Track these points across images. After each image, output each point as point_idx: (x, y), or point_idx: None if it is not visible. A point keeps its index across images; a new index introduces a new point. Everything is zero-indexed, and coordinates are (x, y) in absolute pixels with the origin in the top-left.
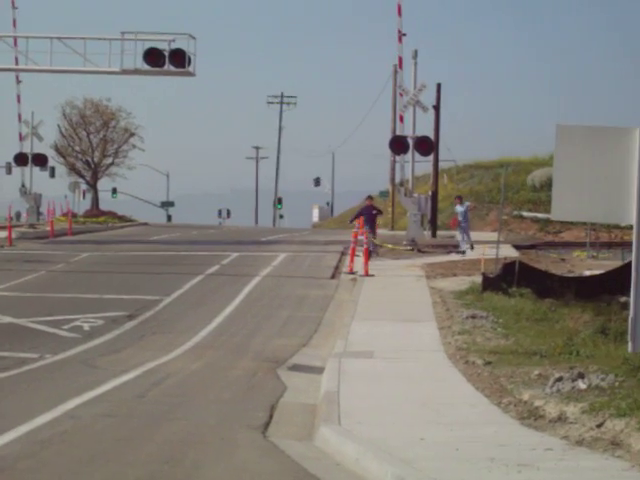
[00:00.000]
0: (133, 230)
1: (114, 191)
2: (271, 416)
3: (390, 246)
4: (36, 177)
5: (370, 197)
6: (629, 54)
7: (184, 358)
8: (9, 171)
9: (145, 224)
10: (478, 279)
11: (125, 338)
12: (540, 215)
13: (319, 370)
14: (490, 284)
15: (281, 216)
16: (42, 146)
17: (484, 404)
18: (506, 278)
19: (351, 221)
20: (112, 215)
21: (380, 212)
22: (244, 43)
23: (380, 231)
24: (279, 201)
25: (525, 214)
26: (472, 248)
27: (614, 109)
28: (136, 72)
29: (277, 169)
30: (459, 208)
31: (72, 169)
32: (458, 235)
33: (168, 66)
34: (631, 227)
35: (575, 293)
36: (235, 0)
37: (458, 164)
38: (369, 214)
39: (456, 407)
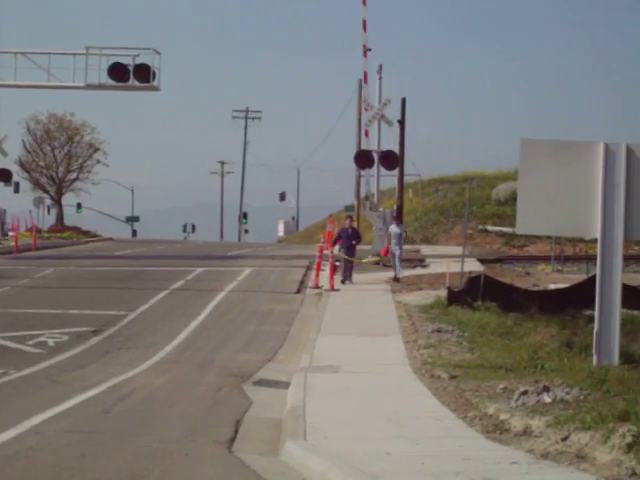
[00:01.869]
0: (98, 245)
1: (79, 206)
2: (236, 431)
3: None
4: (0, 192)
5: (350, 217)
6: (599, 69)
7: (149, 373)
8: None
9: (110, 239)
10: (443, 293)
11: (90, 354)
12: (505, 229)
13: (285, 385)
14: (455, 298)
15: (246, 231)
16: (6, 161)
17: (450, 418)
18: (471, 292)
19: (332, 245)
20: (77, 230)
21: (358, 234)
22: (209, 58)
23: None
24: (244, 216)
25: (490, 228)
26: (398, 279)
27: (582, 123)
28: (100, 87)
29: (242, 184)
30: (394, 229)
31: (36, 184)
32: (393, 258)
33: (133, 81)
34: (596, 241)
35: (540, 307)
36: (200, 16)
37: (423, 178)
38: (346, 235)
39: (422, 421)
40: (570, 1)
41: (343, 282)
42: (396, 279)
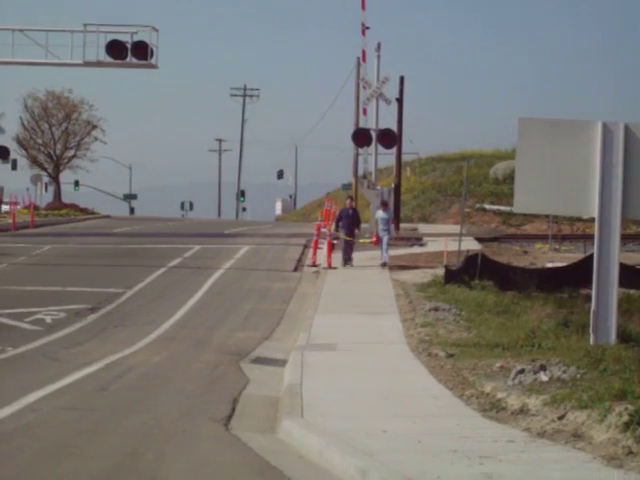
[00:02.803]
0: (95, 223)
1: (76, 184)
2: (234, 409)
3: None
4: None
5: (350, 198)
6: (596, 50)
7: (146, 351)
8: None
9: (107, 217)
10: (441, 272)
11: (87, 331)
12: (502, 208)
13: (282, 363)
14: (453, 277)
15: (244, 209)
16: (4, 138)
17: (446, 396)
18: (468, 271)
19: (336, 228)
20: (74, 208)
21: (358, 216)
22: (207, 35)
23: None
24: (242, 194)
25: (487, 207)
26: (385, 265)
27: (580, 103)
28: (98, 64)
29: (240, 162)
30: (381, 214)
31: (34, 162)
32: (381, 243)
33: (130, 58)
34: (593, 220)
35: (537, 286)
36: None
37: (421, 157)
38: (347, 216)
39: (419, 399)
40: None
41: (345, 265)
42: (383, 264)
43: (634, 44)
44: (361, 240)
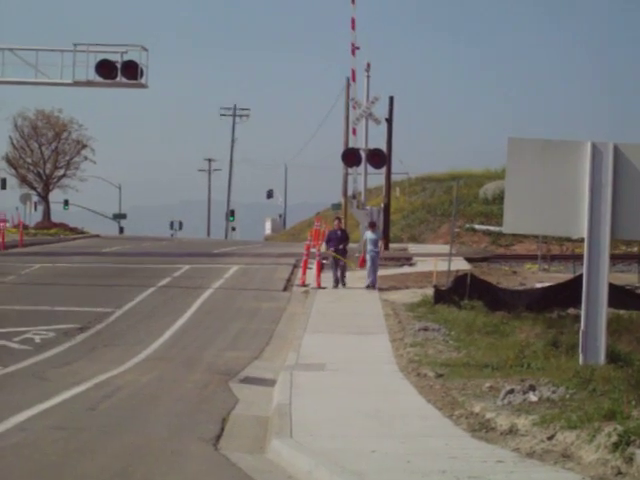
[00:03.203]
0: (85, 242)
1: (66, 203)
2: (223, 429)
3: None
4: None
5: (339, 219)
6: (586, 69)
7: (135, 371)
8: None
9: (97, 236)
10: (430, 292)
11: (76, 350)
12: (492, 228)
13: (271, 383)
14: (442, 297)
15: (233, 228)
16: None
17: (436, 416)
18: (458, 291)
19: (327, 248)
20: (64, 227)
21: (347, 236)
22: (197, 55)
23: None
24: (231, 213)
25: (477, 227)
26: (373, 286)
27: (569, 122)
28: (88, 84)
29: (229, 181)
30: (370, 235)
31: (23, 181)
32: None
33: (120, 78)
34: (582, 240)
35: (526, 306)
36: (188, 12)
37: (410, 177)
38: (335, 237)
39: (408, 419)
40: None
41: (335, 285)
42: (367, 286)
43: (623, 65)
44: (352, 265)
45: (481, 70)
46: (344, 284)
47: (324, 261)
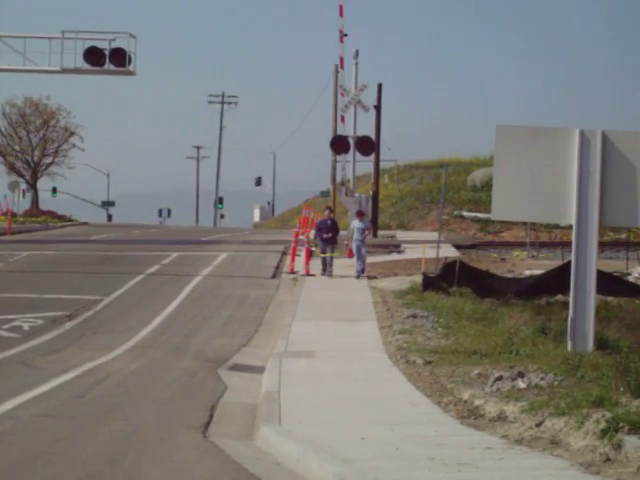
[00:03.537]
0: (73, 230)
1: (54, 190)
2: (211, 416)
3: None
4: None
5: (329, 208)
6: (572, 54)
7: (124, 358)
8: None
9: (85, 224)
10: (419, 279)
11: (65, 338)
12: (480, 215)
13: (260, 370)
14: (431, 284)
15: (222, 216)
16: None
17: (424, 403)
18: (447, 278)
19: (315, 237)
20: (52, 215)
21: (336, 226)
22: (185, 42)
23: None
24: (220, 201)
25: (465, 214)
26: (362, 274)
27: (556, 110)
28: (76, 71)
29: (218, 169)
30: (357, 224)
31: (12, 168)
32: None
33: (108, 65)
34: (571, 227)
35: (515, 293)
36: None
37: (399, 164)
38: (325, 227)
39: (397, 406)
40: None
41: (324, 273)
42: (357, 276)
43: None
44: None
45: (472, 57)
46: (330, 274)
47: (312, 249)
